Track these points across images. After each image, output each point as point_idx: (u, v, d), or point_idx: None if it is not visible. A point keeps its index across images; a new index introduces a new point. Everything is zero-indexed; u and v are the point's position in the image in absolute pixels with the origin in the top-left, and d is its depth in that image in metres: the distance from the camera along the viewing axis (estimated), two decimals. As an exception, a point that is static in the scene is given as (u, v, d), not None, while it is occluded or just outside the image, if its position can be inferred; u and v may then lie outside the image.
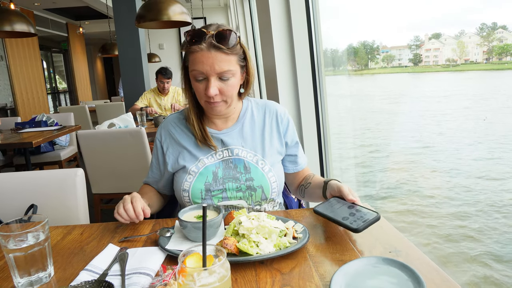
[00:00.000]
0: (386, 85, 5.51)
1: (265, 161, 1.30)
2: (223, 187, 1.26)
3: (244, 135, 1.33)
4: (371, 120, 5.81)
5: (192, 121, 1.30)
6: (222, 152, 1.30)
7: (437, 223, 3.23)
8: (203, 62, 1.14)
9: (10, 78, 7.64)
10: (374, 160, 4.84)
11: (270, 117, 1.37)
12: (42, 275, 0.86)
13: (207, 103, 1.22)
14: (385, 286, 0.77)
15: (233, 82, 1.20)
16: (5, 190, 1.43)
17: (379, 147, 5.09)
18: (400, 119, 5.42)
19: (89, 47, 12.54)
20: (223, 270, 0.62)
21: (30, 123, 4.29)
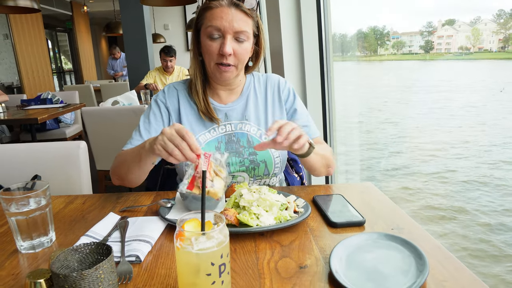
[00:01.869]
0: (396, 72, 5.43)
1: (268, 136, 1.28)
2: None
3: (248, 108, 1.30)
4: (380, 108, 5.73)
5: (197, 90, 1.26)
6: (224, 126, 1.28)
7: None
8: (222, 18, 1.12)
9: (15, 56, 7.63)
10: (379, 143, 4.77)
11: (272, 89, 1.35)
12: (44, 240, 0.87)
13: (218, 67, 1.18)
14: (386, 261, 0.76)
15: (247, 46, 1.18)
16: (10, 162, 1.44)
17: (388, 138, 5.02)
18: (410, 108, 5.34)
19: (93, 27, 12.43)
20: (221, 236, 0.61)
21: (36, 101, 4.30)
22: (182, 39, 8.52)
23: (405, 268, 0.73)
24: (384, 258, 0.77)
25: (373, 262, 0.76)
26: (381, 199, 1.10)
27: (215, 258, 0.60)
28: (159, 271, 0.76)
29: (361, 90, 5.29)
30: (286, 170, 1.51)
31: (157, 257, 0.81)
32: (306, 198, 1.11)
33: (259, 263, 0.78)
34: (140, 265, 0.78)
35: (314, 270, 0.75)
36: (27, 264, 0.81)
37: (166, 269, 0.77)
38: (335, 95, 2.36)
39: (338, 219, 0.95)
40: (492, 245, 2.56)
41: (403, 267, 0.74)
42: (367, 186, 1.21)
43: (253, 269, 0.76)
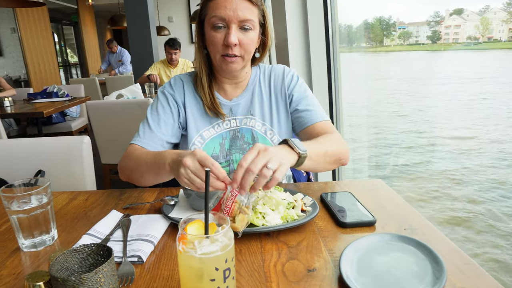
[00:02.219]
0: (403, 63, 5.32)
1: (274, 131, 1.25)
2: (229, 158, 1.22)
3: (253, 103, 1.26)
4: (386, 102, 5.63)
5: (202, 84, 1.22)
6: (229, 121, 1.24)
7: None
8: (226, 7, 1.07)
9: (22, 50, 7.64)
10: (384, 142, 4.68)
11: (275, 80, 1.29)
12: (45, 238, 0.85)
13: (223, 59, 1.13)
14: (399, 264, 0.73)
15: (253, 36, 1.13)
16: (14, 156, 1.43)
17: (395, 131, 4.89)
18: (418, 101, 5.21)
19: (98, 20, 12.39)
20: (226, 239, 0.58)
21: (42, 94, 4.30)
22: (186, 31, 8.46)
23: (421, 272, 0.69)
24: (397, 261, 0.74)
25: (386, 265, 0.72)
26: (392, 197, 1.06)
27: (220, 262, 0.57)
28: (162, 273, 0.73)
29: (367, 82, 5.19)
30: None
31: (160, 257, 0.79)
32: (313, 195, 1.07)
33: (265, 266, 0.75)
34: (142, 266, 0.76)
35: (323, 274, 0.72)
36: (29, 262, 0.79)
37: (169, 270, 0.74)
38: (342, 88, 2.31)
39: (347, 219, 0.91)
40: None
41: (418, 271, 0.70)
42: (376, 183, 1.17)
43: (259, 272, 0.73)
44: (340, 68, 2.29)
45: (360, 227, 0.89)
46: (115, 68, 7.89)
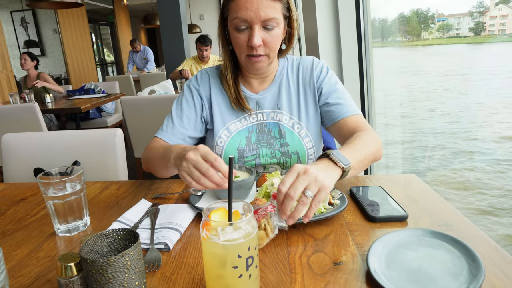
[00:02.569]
0: (443, 57, 5.04)
1: (301, 125, 1.22)
2: (256, 152, 1.20)
3: (280, 96, 1.23)
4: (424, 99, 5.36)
5: (227, 80, 1.21)
6: (256, 115, 1.23)
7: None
8: (247, 8, 1.03)
9: (63, 50, 8.00)
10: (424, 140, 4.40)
11: (304, 72, 1.25)
12: (79, 224, 0.89)
13: (249, 59, 1.11)
14: (432, 261, 0.69)
15: (277, 33, 1.09)
16: (53, 148, 1.49)
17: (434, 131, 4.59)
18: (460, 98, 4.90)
19: (133, 20, 12.74)
20: (249, 227, 0.58)
21: (80, 91, 4.49)
22: (217, 28, 8.53)
23: (455, 270, 0.66)
24: (430, 257, 0.70)
25: (417, 261, 0.69)
26: (426, 192, 1.02)
27: (242, 250, 0.56)
28: (187, 261, 0.74)
29: (404, 77, 4.97)
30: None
31: (186, 246, 0.80)
32: (342, 189, 1.05)
33: (291, 257, 0.74)
34: (168, 253, 0.77)
35: (350, 268, 0.70)
36: (63, 246, 0.83)
37: (194, 258, 0.75)
38: (374, 83, 2.25)
39: (377, 213, 0.88)
40: None
41: (452, 269, 0.66)
42: (409, 177, 1.13)
43: (283, 263, 0.72)
44: (373, 63, 2.23)
45: (390, 222, 0.86)
46: (141, 67, 8.04)
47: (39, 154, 1.47)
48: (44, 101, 3.82)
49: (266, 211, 0.77)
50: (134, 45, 7.99)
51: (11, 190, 1.20)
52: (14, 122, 2.88)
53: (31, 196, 1.14)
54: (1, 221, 0.98)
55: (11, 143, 1.47)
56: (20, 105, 2.85)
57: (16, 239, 0.87)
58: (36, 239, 0.86)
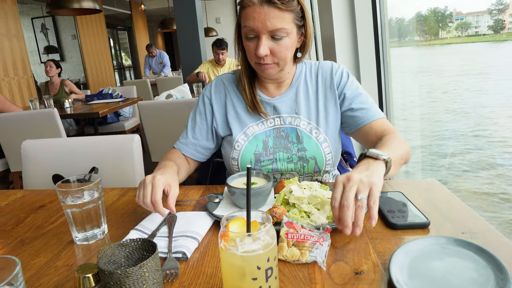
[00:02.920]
0: (462, 56, 4.88)
1: (320, 130, 1.20)
2: (273, 157, 1.19)
3: (297, 101, 1.22)
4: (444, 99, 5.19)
5: (243, 84, 1.21)
6: (273, 119, 1.22)
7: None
8: (254, 18, 1.03)
9: (81, 55, 8.17)
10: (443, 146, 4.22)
11: (324, 77, 1.24)
12: (96, 232, 0.89)
13: (257, 65, 1.12)
14: (457, 271, 0.67)
15: (286, 42, 1.08)
16: (72, 153, 1.52)
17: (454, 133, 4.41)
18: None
19: (150, 24, 12.92)
20: (268, 238, 0.57)
21: (98, 96, 4.56)
22: (233, 32, 8.55)
23: (481, 281, 0.63)
24: (454, 267, 0.68)
25: (441, 271, 0.67)
26: (448, 198, 0.99)
27: (261, 261, 0.55)
28: (205, 270, 0.73)
29: (421, 77, 4.84)
30: (339, 164, 1.43)
31: (204, 254, 0.79)
32: (362, 195, 1.03)
33: (310, 267, 0.72)
34: (186, 262, 0.76)
35: (371, 278, 0.68)
36: (81, 255, 0.83)
37: (212, 267, 0.74)
38: (392, 84, 2.21)
39: (398, 220, 0.86)
40: None
41: (478, 279, 0.64)
42: (430, 183, 1.10)
43: (303, 272, 0.71)
44: (391, 63, 2.19)
45: (412, 229, 0.84)
46: (157, 72, 8.13)
47: (58, 160, 1.49)
48: (63, 106, 3.89)
49: (318, 241, 0.76)
50: (150, 50, 8.09)
51: (30, 197, 1.22)
52: (33, 128, 2.94)
53: (50, 203, 1.16)
54: (20, 229, 0.99)
55: (31, 149, 1.50)
56: (39, 111, 2.91)
57: (34, 248, 0.88)
58: (54, 248, 0.87)
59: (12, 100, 5.24)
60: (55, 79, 4.66)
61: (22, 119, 2.95)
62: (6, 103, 3.23)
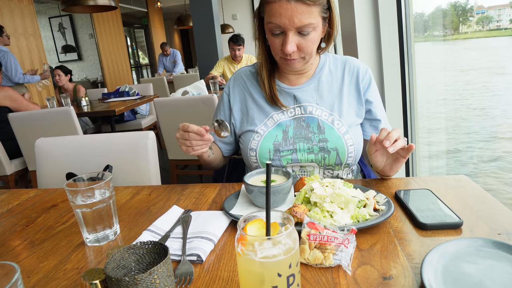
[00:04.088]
0: (484, 52, 4.68)
1: (342, 122, 1.16)
2: (293, 147, 1.15)
3: (319, 91, 1.19)
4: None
5: (262, 78, 1.19)
6: (294, 109, 1.19)
7: None
8: (281, 15, 1.00)
9: (98, 54, 8.26)
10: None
11: (350, 74, 1.22)
12: (108, 232, 0.86)
13: (283, 60, 1.10)
14: (495, 275, 0.61)
15: (313, 37, 1.05)
16: (87, 151, 1.49)
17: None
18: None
19: (166, 22, 12.97)
20: (289, 241, 0.52)
21: (115, 94, 4.57)
22: (250, 28, 8.49)
23: (524, 287, 0.57)
24: (492, 271, 0.62)
25: (477, 276, 0.61)
26: (481, 195, 0.92)
27: (282, 268, 0.50)
28: (222, 274, 0.69)
29: (442, 73, 4.68)
30: (361, 161, 1.36)
31: (220, 257, 0.74)
32: (386, 193, 0.97)
33: (334, 271, 0.67)
34: (201, 266, 0.72)
35: (401, 283, 0.62)
36: (92, 257, 0.80)
37: (229, 271, 0.69)
38: (416, 81, 2.11)
39: (428, 220, 0.80)
40: None
41: (520, 285, 0.58)
42: (460, 179, 1.03)
43: (327, 277, 0.65)
44: (415, 59, 2.10)
45: (443, 230, 0.78)
46: (170, 70, 8.13)
47: (72, 158, 1.47)
48: (80, 105, 3.91)
49: (342, 243, 0.71)
50: (165, 48, 8.12)
51: (42, 196, 1.20)
52: (50, 126, 2.96)
53: (62, 202, 1.13)
54: (30, 229, 0.96)
55: (45, 147, 1.48)
56: (56, 109, 2.92)
57: (44, 249, 0.85)
58: (64, 250, 0.84)
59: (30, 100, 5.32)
60: (68, 85, 4.60)
61: (39, 117, 2.96)
62: (24, 102, 3.26)
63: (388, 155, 1.00)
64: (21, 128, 3.01)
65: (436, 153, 3.68)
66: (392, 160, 1.00)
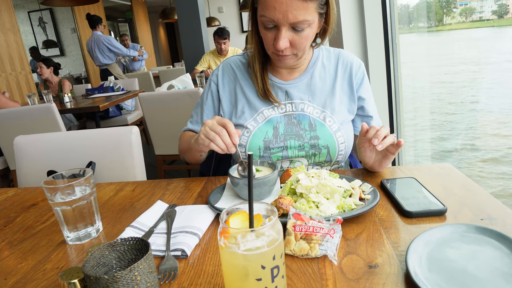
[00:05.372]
0: (466, 43, 4.72)
1: (334, 119, 1.14)
2: (284, 144, 1.14)
3: (312, 87, 1.17)
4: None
5: (255, 71, 1.15)
6: (285, 105, 1.16)
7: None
8: (275, 9, 0.95)
9: (81, 49, 8.08)
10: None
11: (343, 69, 1.19)
12: (90, 230, 0.84)
13: (274, 55, 1.07)
14: (479, 261, 0.61)
15: (307, 33, 1.01)
16: (69, 148, 1.46)
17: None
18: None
19: (151, 15, 12.79)
20: (273, 233, 0.51)
21: (99, 89, 4.49)
22: (236, 20, 8.43)
23: (506, 270, 0.58)
24: (476, 257, 0.62)
25: (462, 261, 0.61)
26: (464, 182, 0.93)
27: (266, 260, 0.49)
28: (207, 268, 0.68)
29: (426, 65, 4.72)
30: (350, 154, 1.36)
31: (205, 251, 0.73)
32: (372, 182, 0.97)
33: (320, 261, 0.67)
34: (186, 261, 0.71)
35: (387, 271, 0.62)
36: (73, 255, 0.78)
37: (214, 266, 0.68)
38: (401, 73, 2.12)
39: (413, 208, 0.80)
40: None
41: (502, 269, 0.58)
42: (444, 167, 1.04)
43: (313, 268, 0.65)
44: (400, 50, 2.10)
45: (428, 217, 0.78)
46: (130, 67, 7.62)
47: (53, 156, 1.44)
48: (63, 101, 3.83)
49: (328, 233, 0.70)
50: (123, 38, 7.52)
51: (22, 195, 1.17)
52: (32, 124, 2.89)
53: (42, 201, 1.10)
54: (9, 229, 0.93)
55: (24, 145, 1.44)
56: (37, 106, 2.85)
57: (23, 250, 0.82)
58: (44, 249, 0.81)
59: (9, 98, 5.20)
60: (53, 78, 4.50)
61: (20, 115, 2.89)
62: (2, 100, 3.18)
63: (377, 151, 0.99)
64: (1, 126, 2.94)
65: (421, 132, 3.73)
66: (381, 156, 0.99)
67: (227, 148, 0.93)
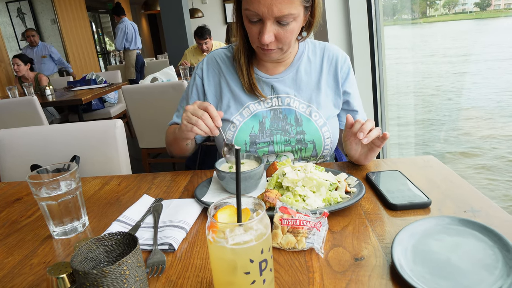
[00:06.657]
0: (449, 35, 4.78)
1: (320, 114, 1.14)
2: (270, 139, 1.14)
3: (298, 82, 1.16)
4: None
5: (240, 65, 1.14)
6: (271, 100, 1.15)
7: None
8: (260, 2, 0.93)
9: (62, 41, 7.89)
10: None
11: (329, 63, 1.19)
12: (76, 225, 0.83)
13: (260, 49, 1.05)
14: (462, 252, 0.63)
15: (292, 27, 1.00)
16: (52, 142, 1.43)
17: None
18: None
19: (133, 7, 12.55)
20: (261, 227, 0.51)
21: (81, 82, 4.41)
22: (220, 12, 8.33)
23: (489, 262, 0.60)
24: (459, 248, 0.64)
25: (446, 253, 0.63)
26: (447, 175, 0.95)
27: (254, 253, 0.50)
28: (194, 262, 0.68)
29: (410, 58, 4.77)
30: (336, 148, 1.38)
31: (192, 245, 0.74)
32: (358, 175, 0.98)
33: (307, 254, 0.68)
34: (173, 255, 0.71)
35: (372, 263, 0.64)
36: (60, 250, 0.77)
37: (202, 259, 0.69)
38: (386, 65, 2.14)
39: (398, 200, 0.81)
40: None
41: (485, 260, 0.60)
42: (428, 160, 1.06)
43: (300, 261, 0.66)
44: (384, 42, 2.12)
45: (412, 210, 0.80)
46: (41, 70, 5.80)
47: (37, 150, 1.41)
48: (44, 94, 3.74)
49: (314, 226, 0.71)
50: (30, 33, 5.74)
51: (6, 190, 1.15)
52: (13, 118, 2.82)
53: (27, 195, 1.08)
54: (-7, 224, 0.92)
55: (7, 139, 1.41)
56: (18, 99, 2.78)
57: (8, 245, 0.81)
58: (30, 244, 0.80)
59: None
60: (29, 74, 4.38)
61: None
62: None
63: (362, 145, 1.00)
64: (-20, 120, 2.86)
65: (406, 126, 3.78)
66: (367, 149, 1.00)
67: (210, 131, 0.93)
